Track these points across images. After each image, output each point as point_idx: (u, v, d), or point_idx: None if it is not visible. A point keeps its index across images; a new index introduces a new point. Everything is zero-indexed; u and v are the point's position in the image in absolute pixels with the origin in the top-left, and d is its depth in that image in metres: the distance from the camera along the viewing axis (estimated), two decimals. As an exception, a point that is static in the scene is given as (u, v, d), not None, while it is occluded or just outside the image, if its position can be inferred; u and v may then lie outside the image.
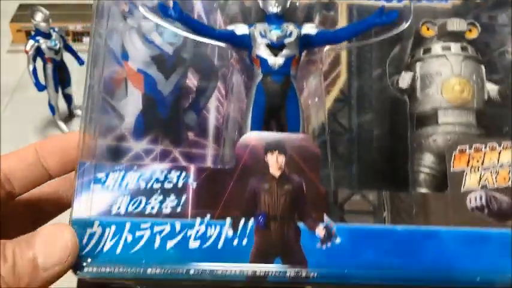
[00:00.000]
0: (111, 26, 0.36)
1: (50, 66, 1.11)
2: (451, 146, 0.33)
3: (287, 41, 0.35)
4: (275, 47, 0.35)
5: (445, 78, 0.38)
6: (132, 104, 0.38)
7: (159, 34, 0.39)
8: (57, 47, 1.10)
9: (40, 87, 1.11)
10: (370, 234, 0.31)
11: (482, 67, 0.39)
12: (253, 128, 0.35)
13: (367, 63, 0.41)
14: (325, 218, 0.31)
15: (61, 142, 0.35)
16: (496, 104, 0.39)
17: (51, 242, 0.27)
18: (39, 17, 1.06)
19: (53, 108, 1.16)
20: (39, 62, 1.10)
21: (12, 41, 1.36)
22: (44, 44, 1.08)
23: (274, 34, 0.36)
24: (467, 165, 0.33)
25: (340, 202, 0.32)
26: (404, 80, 0.38)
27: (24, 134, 1.10)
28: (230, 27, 0.37)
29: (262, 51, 0.36)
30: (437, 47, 0.39)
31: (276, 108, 0.36)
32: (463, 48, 0.39)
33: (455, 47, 0.39)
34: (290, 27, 0.36)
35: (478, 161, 0.33)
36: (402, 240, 0.31)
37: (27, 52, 1.08)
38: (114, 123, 0.37)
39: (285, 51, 0.35)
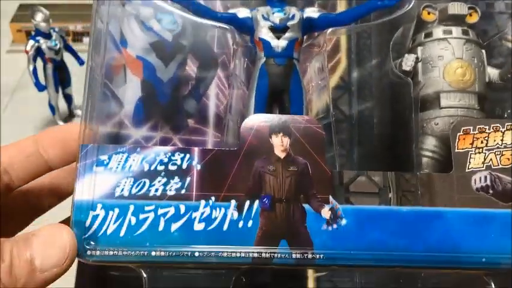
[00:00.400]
0: (111, 12, 0.36)
1: (50, 66, 1.12)
2: (455, 127, 0.33)
3: (290, 23, 0.35)
4: (278, 30, 0.35)
5: (446, 61, 0.38)
6: (131, 91, 0.38)
7: (158, 21, 0.38)
8: (57, 47, 1.11)
9: (40, 87, 1.11)
10: (376, 215, 0.30)
11: (483, 51, 0.39)
12: (256, 112, 0.35)
13: (366, 50, 0.41)
14: (331, 199, 0.30)
15: (62, 133, 0.34)
16: (497, 88, 0.39)
17: (49, 243, 0.27)
18: (39, 17, 1.06)
19: (53, 108, 1.16)
20: (39, 62, 1.11)
21: (12, 41, 1.37)
22: (44, 44, 1.09)
23: (277, 16, 0.35)
24: (472, 145, 0.33)
25: (346, 183, 0.31)
26: (408, 61, 0.38)
27: (24, 134, 1.08)
28: (232, 11, 0.37)
29: (265, 34, 0.35)
30: (438, 31, 0.39)
31: (279, 91, 0.36)
32: (464, 32, 0.39)
33: (456, 30, 0.39)
34: (293, 10, 0.36)
35: (482, 142, 0.33)
36: (408, 221, 0.30)
37: (27, 52, 1.08)
38: (113, 110, 0.37)
39: (288, 34, 0.35)
